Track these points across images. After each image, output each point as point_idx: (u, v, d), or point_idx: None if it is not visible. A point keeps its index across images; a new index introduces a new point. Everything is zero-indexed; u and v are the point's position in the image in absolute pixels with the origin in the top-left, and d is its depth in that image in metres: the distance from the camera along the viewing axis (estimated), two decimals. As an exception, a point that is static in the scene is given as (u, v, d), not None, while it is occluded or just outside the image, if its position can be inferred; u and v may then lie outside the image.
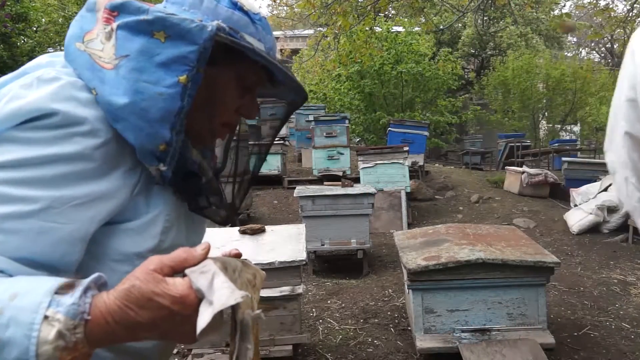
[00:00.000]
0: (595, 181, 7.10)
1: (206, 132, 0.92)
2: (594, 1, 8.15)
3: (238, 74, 0.90)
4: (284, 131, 11.38)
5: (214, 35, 0.77)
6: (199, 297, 0.66)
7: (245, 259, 0.90)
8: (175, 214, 0.89)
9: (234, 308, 0.66)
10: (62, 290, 0.64)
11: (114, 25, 0.78)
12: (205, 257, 0.71)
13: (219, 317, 0.64)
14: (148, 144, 0.77)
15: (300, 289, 2.73)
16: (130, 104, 0.75)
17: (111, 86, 0.76)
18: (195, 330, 0.64)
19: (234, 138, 1.07)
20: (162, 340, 0.71)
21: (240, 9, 0.86)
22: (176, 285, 0.66)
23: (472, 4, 7.70)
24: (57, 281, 0.65)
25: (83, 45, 0.79)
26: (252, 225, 3.20)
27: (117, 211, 0.79)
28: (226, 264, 0.73)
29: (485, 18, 18.01)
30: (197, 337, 0.63)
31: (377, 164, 6.97)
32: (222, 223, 0.96)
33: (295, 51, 21.10)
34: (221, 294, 0.64)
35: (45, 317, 0.61)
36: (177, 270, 0.69)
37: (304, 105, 12.59)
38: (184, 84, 0.76)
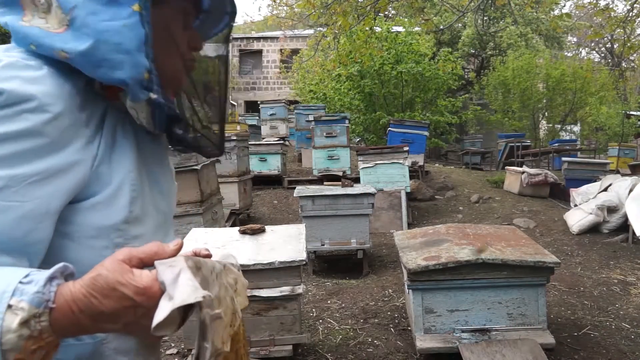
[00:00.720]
0: (595, 181, 7.11)
1: (177, 72, 0.92)
2: (594, 1, 8.14)
3: (181, 4, 0.91)
4: (284, 131, 11.40)
5: None
6: (163, 290, 0.65)
7: (231, 263, 0.90)
8: (139, 181, 0.89)
9: (199, 307, 0.65)
10: (26, 279, 0.64)
11: None
12: (176, 252, 0.71)
13: (176, 313, 0.63)
14: (136, 74, 0.79)
15: (300, 289, 2.73)
16: (103, 42, 0.77)
17: (75, 40, 0.77)
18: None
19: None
20: (127, 334, 0.71)
21: None
22: (142, 276, 0.66)
23: (472, 4, 7.70)
24: (21, 271, 0.65)
25: (27, 23, 0.80)
26: (252, 225, 3.20)
27: (80, 185, 0.79)
28: (200, 264, 0.73)
29: (485, 18, 18.01)
30: (152, 331, 0.62)
31: (377, 164, 6.98)
32: (216, 153, 0.97)
33: (295, 51, 21.10)
34: (183, 290, 0.63)
35: (9, 306, 0.61)
36: (147, 263, 0.69)
37: (304, 105, 12.62)
38: (139, 12, 0.78)
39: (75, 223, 0.80)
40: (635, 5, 7.48)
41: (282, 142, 8.97)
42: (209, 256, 0.95)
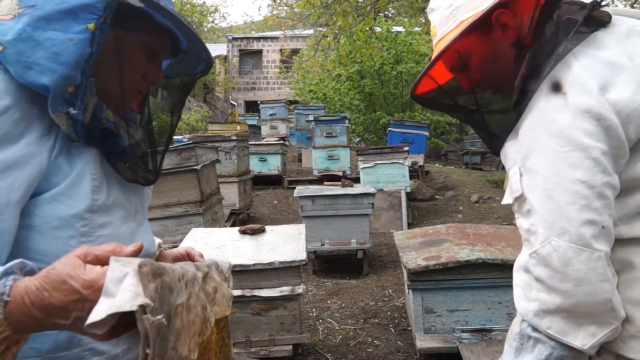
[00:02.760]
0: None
1: (118, 95, 0.94)
2: (594, 1, 8.16)
3: (143, 37, 0.94)
4: (284, 131, 11.40)
5: None
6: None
7: (220, 270, 0.91)
8: (101, 171, 0.91)
9: (139, 313, 0.64)
10: None
11: None
12: (134, 254, 0.72)
13: (111, 316, 0.62)
14: (60, 86, 0.80)
15: (300, 289, 2.73)
16: (41, 47, 0.78)
17: (14, 32, 0.78)
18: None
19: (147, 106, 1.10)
20: (77, 333, 0.71)
21: None
22: (92, 270, 0.67)
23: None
24: None
25: None
26: (252, 225, 3.21)
27: (39, 177, 0.80)
28: (163, 271, 0.71)
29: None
30: (85, 327, 0.62)
31: (377, 164, 6.97)
32: (130, 180, 0.97)
33: (295, 51, 21.10)
34: (122, 296, 0.63)
35: None
36: (103, 261, 0.69)
37: (304, 105, 12.61)
38: (93, 31, 0.80)
39: (39, 215, 0.81)
40: (635, 5, 7.48)
41: (282, 142, 8.97)
42: (200, 255, 0.99)
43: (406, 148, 7.16)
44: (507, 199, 1.08)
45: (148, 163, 1.02)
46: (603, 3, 0.99)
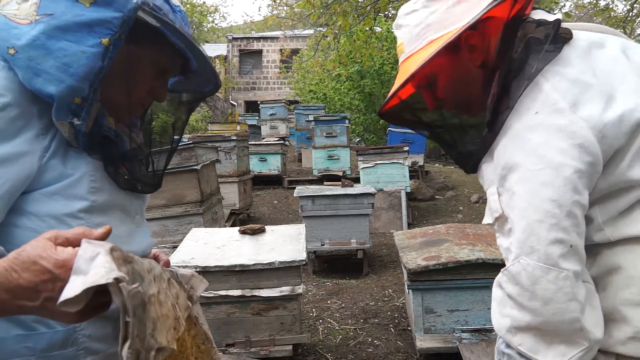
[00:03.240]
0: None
1: (121, 106, 0.95)
2: (594, 1, 8.15)
3: (154, 55, 0.95)
4: (284, 131, 11.40)
5: (139, 7, 0.82)
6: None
7: (178, 283, 0.92)
8: (102, 173, 0.91)
9: (115, 285, 0.64)
10: None
11: None
12: (103, 237, 0.73)
13: (84, 293, 0.62)
14: (67, 97, 0.80)
15: (300, 289, 2.73)
16: (53, 56, 0.79)
17: (28, 38, 0.79)
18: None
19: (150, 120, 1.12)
20: (46, 317, 0.71)
21: None
22: (64, 251, 0.68)
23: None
24: None
25: None
26: (252, 225, 3.21)
27: (29, 176, 0.81)
28: (131, 259, 0.72)
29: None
30: (58, 305, 0.62)
31: (377, 164, 6.97)
32: (125, 188, 0.97)
33: (295, 51, 21.11)
34: (96, 272, 0.63)
35: None
36: (73, 243, 0.70)
37: (304, 105, 12.61)
38: (106, 46, 0.81)
39: (34, 213, 0.82)
40: (635, 5, 7.48)
41: (282, 142, 8.97)
42: (167, 263, 1.02)
43: (406, 148, 7.16)
44: (487, 219, 1.08)
45: (148, 169, 1.04)
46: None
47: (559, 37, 0.98)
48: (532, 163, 0.93)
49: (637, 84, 0.96)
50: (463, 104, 1.12)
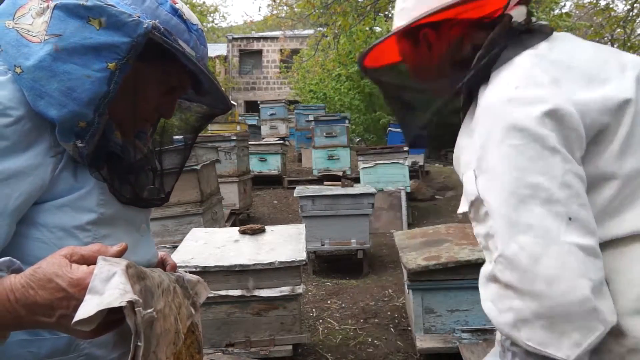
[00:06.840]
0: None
1: (127, 121, 0.95)
2: (594, 1, 8.15)
3: (164, 73, 0.94)
4: (284, 131, 11.40)
5: (148, 33, 0.81)
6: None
7: (183, 290, 0.93)
8: None
9: (129, 308, 0.65)
10: None
11: (52, 3, 0.80)
12: (118, 254, 0.73)
13: (99, 313, 0.63)
14: (69, 121, 0.80)
15: (300, 289, 2.73)
16: (57, 80, 0.78)
17: (35, 59, 0.78)
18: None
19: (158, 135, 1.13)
20: (61, 331, 0.72)
21: (180, 16, 0.91)
22: (79, 269, 0.68)
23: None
24: None
25: (12, 22, 0.81)
26: (252, 225, 3.21)
27: (41, 188, 0.81)
28: (145, 275, 0.73)
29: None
30: (72, 324, 0.63)
31: (377, 164, 6.97)
32: (125, 202, 0.95)
33: (295, 51, 21.09)
34: (111, 293, 0.64)
35: None
36: (89, 260, 0.70)
37: (304, 105, 12.59)
38: (112, 71, 0.80)
39: (43, 225, 0.82)
40: (635, 5, 7.48)
41: (282, 142, 8.97)
42: (173, 267, 1.02)
43: (406, 148, 7.14)
44: (462, 207, 1.01)
45: (155, 182, 1.04)
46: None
47: (542, 28, 1.01)
48: (514, 137, 0.88)
49: (619, 68, 0.94)
50: (430, 83, 1.14)
